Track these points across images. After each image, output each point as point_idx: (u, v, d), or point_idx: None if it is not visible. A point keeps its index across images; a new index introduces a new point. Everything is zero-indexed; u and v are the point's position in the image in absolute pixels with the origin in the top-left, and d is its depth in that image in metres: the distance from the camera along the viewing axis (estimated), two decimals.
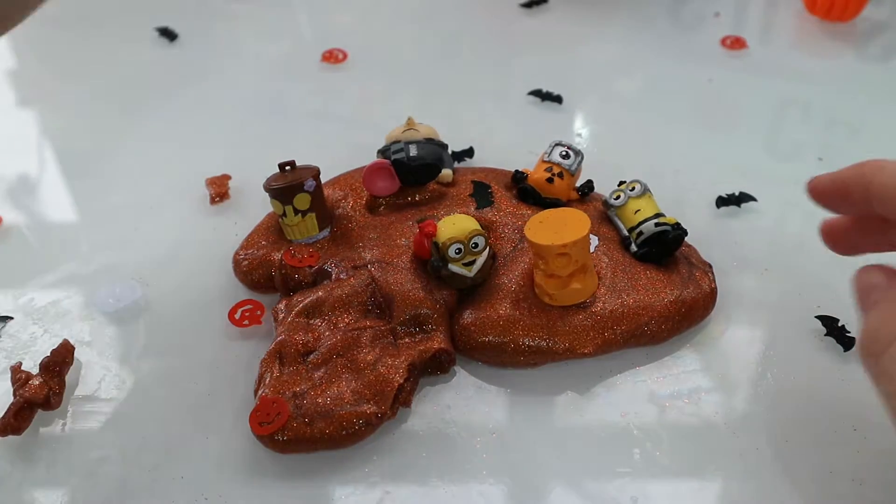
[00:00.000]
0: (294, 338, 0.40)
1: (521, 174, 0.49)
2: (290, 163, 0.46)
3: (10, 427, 0.38)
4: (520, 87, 0.62)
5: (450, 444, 0.38)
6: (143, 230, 0.51)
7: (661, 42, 0.69)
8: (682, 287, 0.42)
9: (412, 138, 0.48)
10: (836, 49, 0.67)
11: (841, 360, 0.41)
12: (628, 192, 0.45)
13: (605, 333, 0.40)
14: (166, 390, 0.41)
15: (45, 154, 0.58)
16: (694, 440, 0.38)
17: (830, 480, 0.36)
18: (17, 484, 0.37)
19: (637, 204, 0.45)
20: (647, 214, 0.44)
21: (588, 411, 0.39)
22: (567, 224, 0.39)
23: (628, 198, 0.45)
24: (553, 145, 0.48)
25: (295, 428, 0.36)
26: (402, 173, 0.47)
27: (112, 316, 0.45)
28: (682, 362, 0.41)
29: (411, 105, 0.62)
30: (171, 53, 0.69)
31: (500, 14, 0.73)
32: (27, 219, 0.53)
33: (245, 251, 0.46)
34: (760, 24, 0.71)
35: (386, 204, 0.48)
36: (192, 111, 0.62)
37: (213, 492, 0.36)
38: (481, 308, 0.41)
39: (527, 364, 0.41)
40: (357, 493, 0.36)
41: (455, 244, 0.41)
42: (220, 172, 0.54)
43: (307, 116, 0.61)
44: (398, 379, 0.38)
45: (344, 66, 0.66)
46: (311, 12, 0.76)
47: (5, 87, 0.66)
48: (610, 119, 0.60)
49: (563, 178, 0.47)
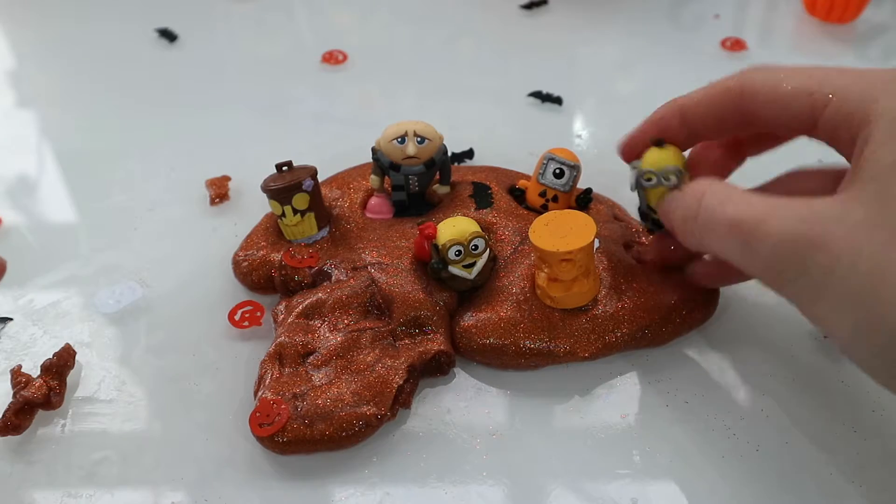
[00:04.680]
0: (294, 339, 0.40)
1: (518, 190, 0.49)
2: (287, 163, 0.46)
3: (10, 426, 0.38)
4: (520, 88, 0.62)
5: (450, 445, 0.38)
6: (143, 230, 0.51)
7: (661, 44, 0.69)
8: (683, 290, 0.42)
9: (411, 168, 0.46)
10: (837, 51, 0.67)
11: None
12: (663, 180, 0.40)
13: (606, 336, 0.40)
14: (166, 391, 0.41)
15: (45, 154, 0.58)
16: (694, 441, 0.38)
17: (830, 481, 0.36)
18: (17, 484, 0.37)
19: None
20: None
21: (588, 413, 0.39)
22: (573, 229, 0.39)
23: (660, 185, 0.41)
24: (546, 160, 0.46)
25: (295, 429, 0.36)
26: (399, 210, 0.48)
27: (112, 317, 0.45)
28: (683, 363, 0.42)
29: (411, 105, 0.63)
30: (171, 54, 0.69)
31: (500, 14, 0.73)
32: (27, 219, 0.53)
33: (245, 252, 0.46)
34: (760, 25, 0.71)
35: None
36: (191, 111, 0.62)
37: (213, 493, 0.36)
38: (482, 310, 0.41)
39: (527, 366, 0.41)
40: (357, 494, 0.36)
41: (455, 246, 0.41)
42: (220, 173, 0.54)
43: (307, 117, 0.61)
44: (398, 380, 0.38)
45: (344, 66, 0.66)
46: (311, 13, 0.76)
47: (5, 87, 0.66)
48: (610, 120, 0.60)
49: (559, 201, 0.47)
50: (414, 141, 0.45)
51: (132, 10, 0.75)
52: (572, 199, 0.48)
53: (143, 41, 0.70)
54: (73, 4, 0.76)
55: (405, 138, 0.45)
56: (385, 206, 0.48)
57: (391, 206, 0.48)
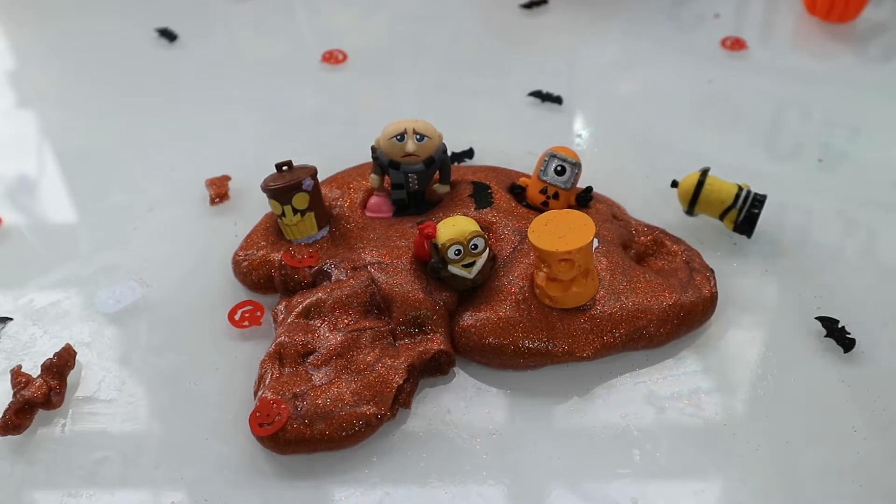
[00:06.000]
0: (294, 339, 0.40)
1: (518, 188, 0.49)
2: (287, 163, 0.46)
3: (10, 425, 0.38)
4: (520, 88, 0.62)
5: (450, 445, 0.38)
6: (143, 230, 0.51)
7: (661, 43, 0.69)
8: (682, 291, 0.42)
9: (411, 166, 0.46)
10: (836, 50, 0.67)
11: (841, 362, 0.41)
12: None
13: (605, 337, 0.40)
14: (166, 391, 0.41)
15: (45, 154, 0.58)
16: (694, 441, 0.38)
17: (830, 481, 0.36)
18: (17, 484, 0.37)
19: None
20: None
21: (588, 412, 0.39)
22: (572, 228, 0.39)
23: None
24: (548, 157, 0.47)
25: (295, 429, 0.36)
26: (399, 209, 0.48)
27: (112, 317, 0.45)
28: (683, 364, 0.42)
29: (411, 105, 0.62)
30: (171, 54, 0.69)
31: (500, 14, 0.73)
32: (27, 219, 0.53)
33: (244, 252, 0.46)
34: (760, 24, 0.71)
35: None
36: (191, 111, 0.62)
37: (214, 492, 0.36)
38: (481, 310, 0.41)
39: (526, 366, 0.41)
40: (357, 493, 0.36)
41: (454, 245, 0.41)
42: (220, 173, 0.54)
43: (307, 117, 0.61)
44: (398, 380, 0.38)
45: (344, 66, 0.66)
46: (311, 13, 0.75)
47: (5, 87, 0.66)
48: (610, 120, 0.60)
49: (559, 199, 0.47)
50: (413, 138, 0.45)
51: (132, 10, 0.75)
52: (573, 197, 0.48)
53: (143, 41, 0.70)
54: (73, 4, 0.76)
55: (404, 136, 0.45)
56: (385, 205, 0.48)
57: (391, 205, 0.48)
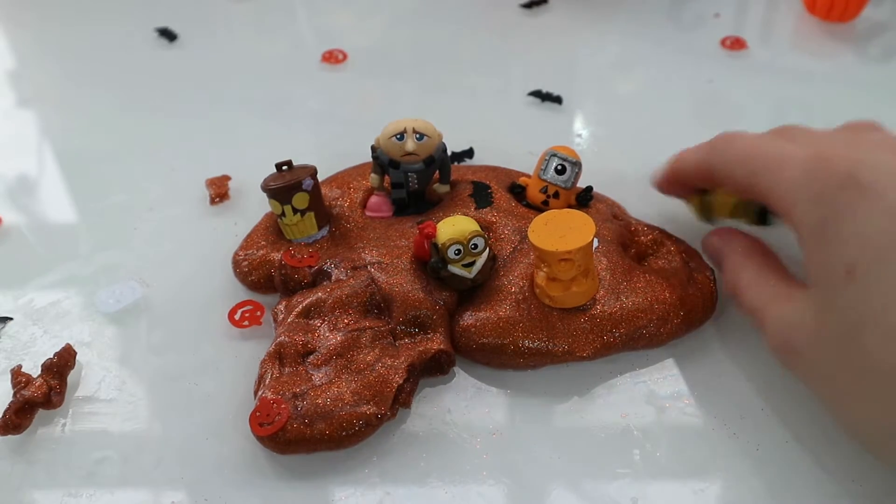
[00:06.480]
0: (294, 338, 0.40)
1: (518, 187, 0.49)
2: (286, 162, 0.46)
3: (10, 425, 0.38)
4: (520, 88, 0.62)
5: (450, 445, 0.38)
6: (143, 230, 0.51)
7: (661, 42, 0.69)
8: (682, 290, 0.42)
9: (411, 165, 0.46)
10: (836, 49, 0.67)
11: None
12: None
13: (605, 336, 0.40)
14: (166, 391, 0.41)
15: (45, 154, 0.58)
16: (694, 441, 0.38)
17: (830, 480, 0.36)
18: (18, 484, 0.37)
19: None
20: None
21: (588, 412, 0.39)
22: (572, 228, 0.39)
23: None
24: (549, 156, 0.47)
25: (295, 429, 0.36)
26: (399, 209, 0.48)
27: (112, 316, 0.45)
28: (683, 363, 0.42)
29: (411, 105, 0.62)
30: (171, 53, 0.69)
31: (500, 14, 0.73)
32: (27, 219, 0.53)
33: (244, 251, 0.46)
34: (760, 24, 0.71)
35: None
36: (191, 111, 0.62)
37: (213, 493, 0.36)
38: (481, 309, 0.41)
39: (526, 366, 0.41)
40: (357, 494, 0.36)
41: (454, 245, 0.41)
42: (220, 173, 0.54)
43: (307, 117, 0.61)
44: (398, 380, 0.38)
45: (344, 66, 0.66)
46: (311, 13, 0.75)
47: (5, 87, 0.66)
48: (610, 120, 0.60)
49: (559, 198, 0.47)
50: (413, 137, 0.45)
51: (132, 9, 0.75)
52: (573, 197, 0.48)
53: (143, 41, 0.70)
54: (73, 4, 0.76)
55: (404, 135, 0.45)
56: (385, 204, 0.48)
57: (391, 204, 0.48)
